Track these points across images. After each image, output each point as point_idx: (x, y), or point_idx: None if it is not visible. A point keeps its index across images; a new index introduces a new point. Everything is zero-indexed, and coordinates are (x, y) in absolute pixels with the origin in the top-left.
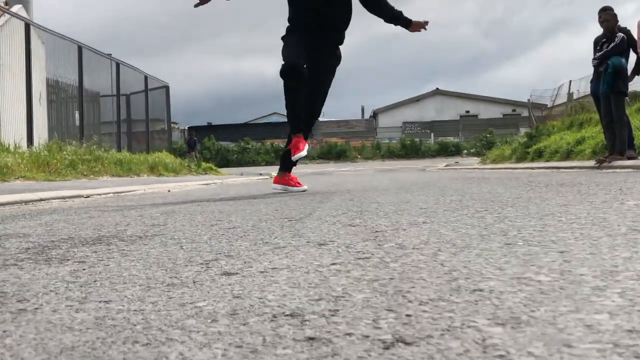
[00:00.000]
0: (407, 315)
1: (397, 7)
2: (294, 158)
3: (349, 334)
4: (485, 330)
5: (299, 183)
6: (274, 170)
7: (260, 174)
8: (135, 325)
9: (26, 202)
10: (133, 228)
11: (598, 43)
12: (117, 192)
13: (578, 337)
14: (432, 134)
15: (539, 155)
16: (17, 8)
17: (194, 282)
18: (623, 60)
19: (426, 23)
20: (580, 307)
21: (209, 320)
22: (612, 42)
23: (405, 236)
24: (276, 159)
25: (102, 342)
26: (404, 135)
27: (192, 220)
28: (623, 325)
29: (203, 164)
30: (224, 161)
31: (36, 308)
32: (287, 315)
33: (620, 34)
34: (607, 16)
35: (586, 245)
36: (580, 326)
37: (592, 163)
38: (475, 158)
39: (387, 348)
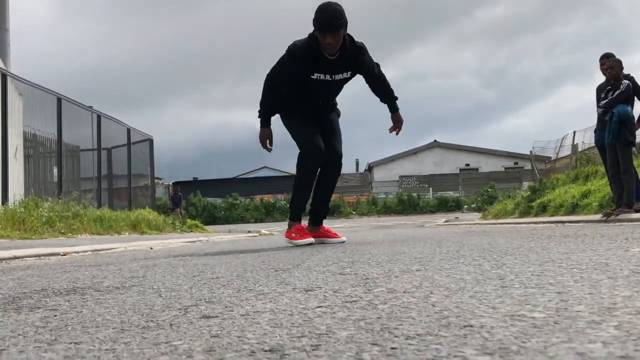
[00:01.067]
0: (392, 348)
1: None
2: (296, 242)
3: None
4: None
5: (336, 234)
6: (263, 227)
7: (249, 232)
8: None
9: None
10: (110, 280)
11: (602, 90)
12: (95, 250)
13: None
14: (431, 188)
15: (543, 209)
16: None
17: (171, 324)
18: (629, 108)
19: (400, 125)
20: (573, 338)
21: (184, 357)
22: (617, 89)
23: (397, 282)
24: (266, 216)
25: None
26: (400, 190)
27: (173, 273)
28: (616, 352)
29: (188, 221)
30: (211, 218)
31: (2, 349)
32: (266, 350)
33: (626, 81)
34: (611, 63)
35: (585, 287)
36: (571, 354)
37: (598, 217)
38: (477, 213)
39: None
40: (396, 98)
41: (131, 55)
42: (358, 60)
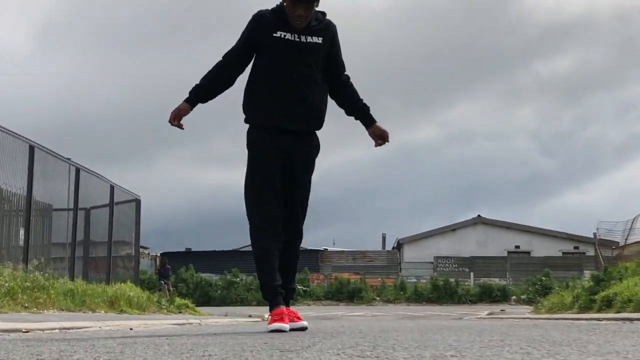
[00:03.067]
0: None
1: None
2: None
3: None
4: None
5: (298, 318)
6: (267, 312)
7: (250, 316)
8: None
9: None
10: (81, 354)
11: None
12: (64, 328)
13: None
14: (472, 274)
15: (607, 304)
16: None
17: None
18: None
19: (385, 136)
20: None
21: None
22: None
23: None
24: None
25: None
26: (435, 274)
27: (157, 351)
28: None
29: (177, 299)
30: (205, 297)
31: None
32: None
33: None
34: None
35: None
36: None
37: None
38: (527, 306)
39: None
40: (367, 107)
41: (117, 98)
42: (330, 31)
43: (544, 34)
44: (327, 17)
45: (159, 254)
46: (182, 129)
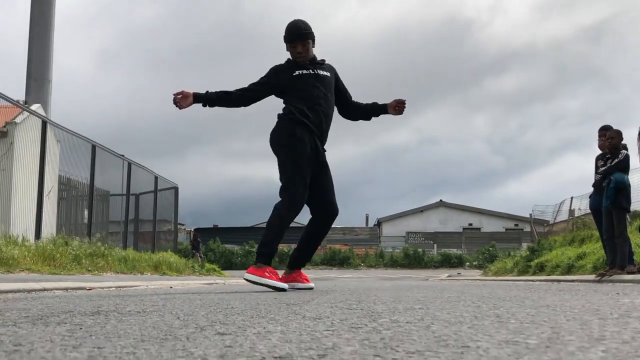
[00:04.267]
0: (394, 359)
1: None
2: (247, 276)
3: None
4: None
5: (307, 280)
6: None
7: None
8: None
9: (29, 290)
10: (132, 306)
11: (601, 159)
12: (119, 287)
13: None
14: (435, 245)
15: (540, 269)
16: (36, 107)
17: (187, 338)
18: (626, 177)
19: (401, 102)
20: (563, 357)
21: (199, 359)
22: (616, 158)
23: (400, 315)
24: (279, 264)
25: None
26: (407, 245)
27: (191, 304)
28: None
29: (207, 265)
30: (228, 263)
31: (30, 350)
32: (276, 357)
33: (624, 151)
34: (612, 133)
35: (577, 324)
36: None
37: (593, 277)
38: (478, 270)
39: None
40: (374, 103)
41: (158, 108)
42: (333, 70)
43: (495, 58)
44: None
45: (192, 230)
46: (180, 108)
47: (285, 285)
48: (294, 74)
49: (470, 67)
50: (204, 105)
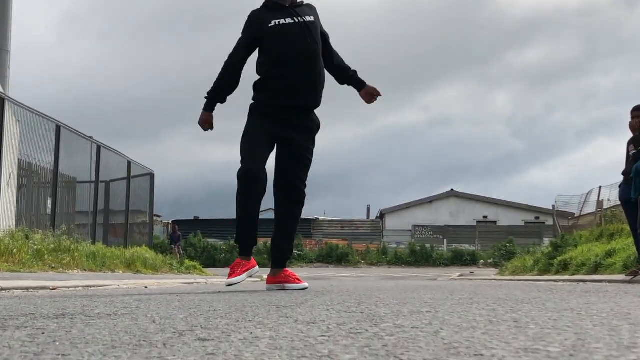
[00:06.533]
0: None
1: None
2: (225, 282)
3: None
4: None
5: (298, 279)
6: (266, 272)
7: (251, 276)
8: None
9: None
10: (101, 309)
11: (634, 142)
12: (87, 286)
13: None
14: (445, 240)
15: (564, 267)
16: None
17: (164, 344)
18: None
19: (377, 92)
20: None
21: None
22: None
23: (405, 320)
24: (269, 260)
25: None
26: (413, 240)
27: (168, 306)
28: None
29: (187, 262)
30: (210, 260)
31: None
32: None
33: None
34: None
35: (605, 330)
36: None
37: (623, 277)
38: (493, 269)
39: None
40: (355, 72)
41: (133, 82)
42: (314, 11)
43: (517, 28)
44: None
45: (170, 222)
46: (213, 128)
47: (241, 278)
48: (269, 25)
49: (489, 37)
50: (221, 102)
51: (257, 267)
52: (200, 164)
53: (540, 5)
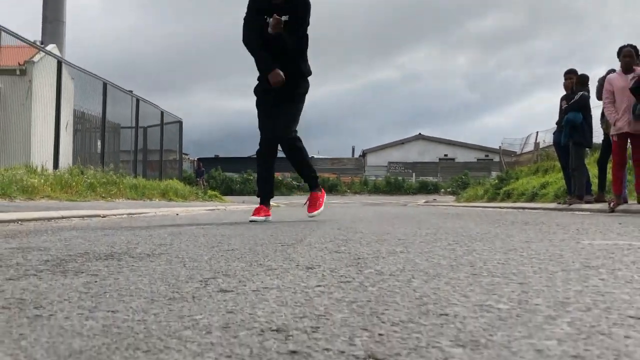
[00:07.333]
0: (380, 335)
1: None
2: (249, 218)
3: (327, 349)
4: (448, 351)
5: (313, 207)
6: (272, 200)
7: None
8: (137, 333)
9: (49, 219)
10: (142, 247)
11: (566, 99)
12: (130, 214)
13: None
14: (414, 174)
15: (507, 196)
16: (51, 47)
17: (193, 297)
18: (580, 115)
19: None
20: (532, 334)
21: (204, 332)
22: (572, 99)
23: (384, 263)
24: (275, 190)
25: (107, 348)
26: (388, 174)
27: (196, 242)
28: (569, 352)
29: (209, 191)
30: (228, 190)
31: (50, 315)
32: (273, 330)
33: (581, 93)
34: (571, 75)
35: (543, 279)
36: (531, 350)
37: (554, 205)
38: (451, 196)
39: None
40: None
41: (166, 45)
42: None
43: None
44: None
45: (196, 159)
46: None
47: (259, 218)
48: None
49: (452, 7)
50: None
51: (271, 216)
52: (220, 112)
53: None
